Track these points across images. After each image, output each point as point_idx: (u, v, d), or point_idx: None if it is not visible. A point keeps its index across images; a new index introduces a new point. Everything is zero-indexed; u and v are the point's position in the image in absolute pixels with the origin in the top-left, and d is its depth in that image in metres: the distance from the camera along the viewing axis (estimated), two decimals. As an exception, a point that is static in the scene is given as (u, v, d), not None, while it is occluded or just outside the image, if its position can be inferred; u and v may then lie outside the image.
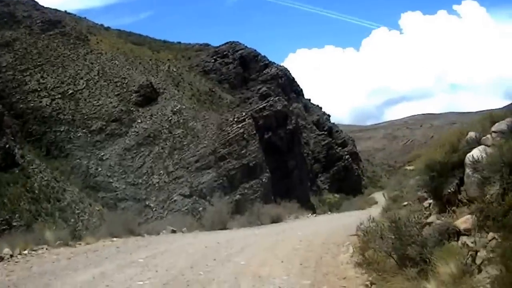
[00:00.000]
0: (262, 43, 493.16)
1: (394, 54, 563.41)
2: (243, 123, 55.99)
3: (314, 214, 37.67)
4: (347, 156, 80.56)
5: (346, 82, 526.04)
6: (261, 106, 62.33)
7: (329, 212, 42.97)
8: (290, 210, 33.84)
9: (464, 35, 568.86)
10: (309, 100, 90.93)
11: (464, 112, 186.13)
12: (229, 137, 54.43)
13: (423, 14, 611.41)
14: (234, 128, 55.41)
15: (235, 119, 56.56)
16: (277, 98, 65.02)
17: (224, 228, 24.08)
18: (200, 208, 46.85)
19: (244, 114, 57.91)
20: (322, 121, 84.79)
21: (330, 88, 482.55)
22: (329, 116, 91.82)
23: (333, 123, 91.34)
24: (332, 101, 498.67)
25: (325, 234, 17.63)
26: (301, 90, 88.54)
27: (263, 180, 53.09)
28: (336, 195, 69.98)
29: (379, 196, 62.77)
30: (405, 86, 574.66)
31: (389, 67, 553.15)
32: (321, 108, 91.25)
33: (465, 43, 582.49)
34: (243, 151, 53.72)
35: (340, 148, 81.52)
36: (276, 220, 27.73)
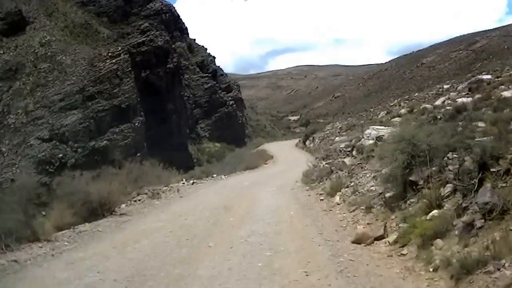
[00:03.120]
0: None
1: (280, 5, 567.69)
2: (118, 59, 49.53)
3: (192, 180, 24.28)
4: (231, 102, 76.56)
5: (230, 31, 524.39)
6: (139, 41, 56.00)
7: (215, 175, 28.36)
8: (150, 178, 21.77)
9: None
10: (194, 40, 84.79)
11: (348, 66, 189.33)
12: (101, 74, 47.87)
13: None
14: (107, 64, 48.87)
15: (109, 54, 50.02)
16: (158, 33, 58.91)
17: None
18: (60, 155, 41.03)
19: (119, 48, 51.42)
20: (206, 63, 79.39)
21: (214, 35, 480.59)
22: (214, 58, 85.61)
23: (218, 66, 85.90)
24: (215, 49, 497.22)
25: None
26: (186, 28, 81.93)
27: (136, 124, 47.13)
28: (217, 144, 65.78)
29: (272, 148, 55.06)
30: (289, 37, 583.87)
31: (274, 18, 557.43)
32: (206, 49, 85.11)
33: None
34: (115, 91, 47.41)
35: (224, 93, 77.25)
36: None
